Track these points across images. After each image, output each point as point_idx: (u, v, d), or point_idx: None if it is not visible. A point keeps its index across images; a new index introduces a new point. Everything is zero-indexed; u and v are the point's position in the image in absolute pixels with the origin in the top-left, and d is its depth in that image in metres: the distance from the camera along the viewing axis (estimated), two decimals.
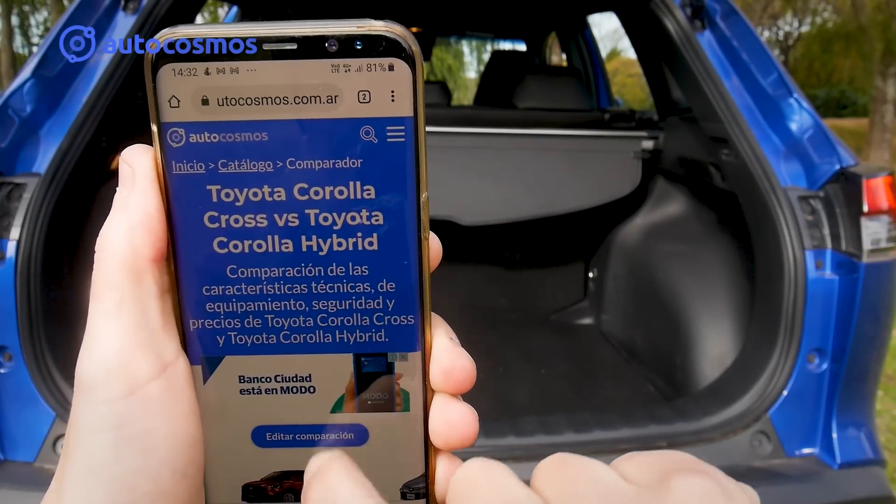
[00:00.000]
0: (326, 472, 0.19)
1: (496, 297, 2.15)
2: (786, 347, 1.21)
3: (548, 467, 0.19)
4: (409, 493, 0.23)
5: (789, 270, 1.21)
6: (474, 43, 13.65)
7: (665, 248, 1.80)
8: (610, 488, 0.18)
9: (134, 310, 0.20)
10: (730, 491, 0.17)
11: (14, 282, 1.09)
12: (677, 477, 0.17)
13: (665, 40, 1.50)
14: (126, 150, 0.22)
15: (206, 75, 0.20)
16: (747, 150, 1.31)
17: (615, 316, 1.97)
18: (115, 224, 0.21)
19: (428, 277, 0.22)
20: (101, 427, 0.19)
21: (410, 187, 0.21)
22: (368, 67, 0.20)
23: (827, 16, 15.04)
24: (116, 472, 0.19)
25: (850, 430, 1.22)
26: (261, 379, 0.22)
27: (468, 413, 0.22)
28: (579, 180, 1.84)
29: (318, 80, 0.20)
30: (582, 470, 0.18)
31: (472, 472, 0.19)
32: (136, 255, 0.20)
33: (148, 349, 0.20)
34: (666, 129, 1.86)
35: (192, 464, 0.21)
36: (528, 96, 1.90)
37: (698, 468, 0.18)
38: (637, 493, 0.18)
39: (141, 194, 0.21)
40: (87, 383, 0.20)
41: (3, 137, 1.13)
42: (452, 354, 0.22)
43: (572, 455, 0.20)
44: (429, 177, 0.21)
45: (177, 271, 0.22)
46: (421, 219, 0.21)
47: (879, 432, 1.35)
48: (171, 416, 0.20)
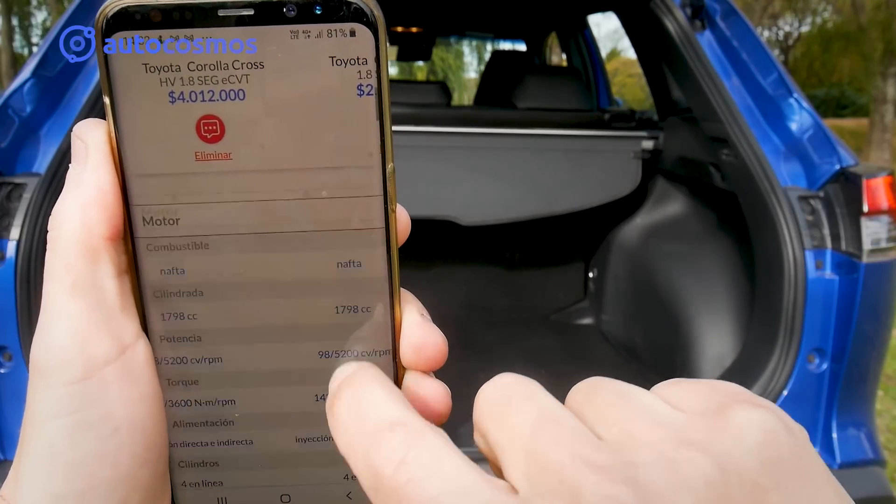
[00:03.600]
0: (357, 379, 0.18)
1: (496, 297, 2.15)
2: (786, 347, 1.21)
3: (581, 391, 0.18)
4: None
5: (789, 270, 1.21)
6: (474, 43, 13.66)
7: (665, 248, 1.80)
8: (657, 413, 0.16)
9: (90, 290, 0.19)
10: (791, 426, 0.16)
11: (14, 282, 1.09)
12: (737, 408, 0.16)
13: (665, 40, 1.50)
14: (78, 125, 0.21)
15: (160, 43, 0.19)
16: (747, 150, 1.31)
17: (615, 316, 1.97)
18: (68, 202, 0.20)
19: (396, 251, 0.21)
20: (56, 412, 0.18)
21: (375, 157, 0.20)
22: (329, 33, 0.19)
23: (827, 16, 15.04)
24: (74, 457, 0.18)
25: (850, 430, 1.22)
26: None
27: (440, 389, 0.21)
28: (579, 180, 1.84)
29: (276, 46, 0.19)
30: (622, 393, 0.17)
31: (504, 386, 0.17)
32: (90, 233, 0.19)
33: (105, 331, 0.19)
34: (666, 129, 1.86)
35: (153, 449, 0.20)
36: (528, 96, 1.90)
37: (758, 401, 0.16)
38: (689, 420, 0.16)
39: (94, 170, 0.20)
40: (41, 367, 0.19)
41: (3, 137, 1.13)
42: (423, 330, 0.21)
43: (609, 378, 0.18)
44: (429, 176, 0.21)
45: (134, 250, 0.20)
46: (388, 190, 0.20)
47: (879, 432, 1.35)
48: (130, 400, 0.19)
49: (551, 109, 1.89)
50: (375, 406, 0.17)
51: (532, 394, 0.16)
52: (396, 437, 0.16)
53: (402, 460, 0.15)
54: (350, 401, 0.18)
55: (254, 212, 0.20)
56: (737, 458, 0.14)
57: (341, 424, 0.18)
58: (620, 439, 0.15)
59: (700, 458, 0.14)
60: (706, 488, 0.14)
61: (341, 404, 0.18)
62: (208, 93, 0.20)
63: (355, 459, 0.17)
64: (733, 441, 0.15)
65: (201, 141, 0.20)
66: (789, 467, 0.15)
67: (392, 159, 0.20)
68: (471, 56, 19.14)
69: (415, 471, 0.15)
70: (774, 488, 0.14)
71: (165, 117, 0.20)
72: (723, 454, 0.15)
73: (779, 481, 0.14)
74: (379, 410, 0.17)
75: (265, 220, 0.20)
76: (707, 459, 0.14)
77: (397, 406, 0.17)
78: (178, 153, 0.20)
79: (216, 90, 0.19)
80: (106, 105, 0.20)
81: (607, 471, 0.14)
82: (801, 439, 0.16)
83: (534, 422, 0.15)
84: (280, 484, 0.22)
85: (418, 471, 0.15)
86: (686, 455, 0.14)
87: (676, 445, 0.15)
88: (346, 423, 0.17)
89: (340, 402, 0.18)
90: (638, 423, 0.16)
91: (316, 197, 0.20)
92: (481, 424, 0.17)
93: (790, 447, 0.15)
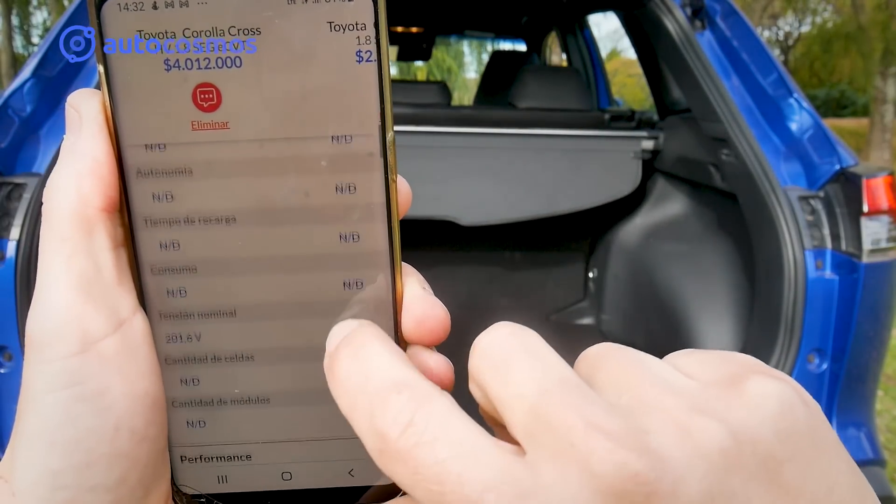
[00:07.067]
0: (357, 338, 0.18)
1: (496, 297, 2.15)
2: (786, 347, 1.21)
3: (592, 354, 0.17)
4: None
5: (789, 270, 1.21)
6: (474, 43, 13.65)
7: (665, 248, 1.80)
8: (668, 379, 0.15)
9: (85, 263, 0.19)
10: (807, 399, 0.15)
11: (14, 282, 1.09)
12: (753, 378, 0.15)
13: (665, 40, 1.50)
14: (72, 94, 0.20)
15: (154, 10, 0.19)
16: (747, 150, 1.31)
17: (615, 316, 1.97)
18: (62, 173, 0.19)
19: (397, 223, 0.20)
20: (52, 386, 0.18)
21: (375, 126, 0.20)
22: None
23: (827, 16, 15.04)
24: (71, 433, 0.18)
25: (850, 430, 1.22)
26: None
27: (443, 364, 0.21)
28: (579, 180, 1.84)
29: (273, 12, 0.19)
30: (633, 359, 0.16)
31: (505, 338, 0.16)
32: (85, 204, 0.19)
33: (101, 304, 0.19)
34: (666, 129, 1.86)
35: (152, 425, 0.19)
36: (528, 96, 1.90)
37: (773, 373, 0.16)
38: (702, 389, 0.15)
39: (88, 140, 0.19)
40: (36, 341, 0.18)
41: (3, 137, 1.13)
42: (426, 304, 0.21)
43: (619, 345, 0.17)
44: (429, 176, 0.21)
45: (131, 222, 0.20)
46: (388, 160, 0.20)
47: (879, 432, 1.35)
48: (127, 375, 0.19)
49: (551, 109, 1.89)
50: (378, 366, 0.16)
51: (536, 349, 0.16)
52: (403, 398, 0.15)
53: (410, 422, 0.15)
54: (351, 360, 0.17)
55: (251, 182, 0.20)
56: (751, 428, 0.14)
57: (342, 384, 0.17)
58: (632, 405, 0.15)
59: (714, 426, 0.14)
60: (719, 456, 0.14)
61: (341, 364, 0.17)
62: (204, 60, 0.19)
63: (359, 421, 0.16)
64: (748, 411, 0.15)
65: (198, 110, 0.19)
66: (804, 439, 0.15)
67: (392, 128, 0.20)
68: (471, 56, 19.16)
69: (423, 434, 0.15)
70: (788, 459, 0.14)
71: (161, 86, 0.19)
72: (737, 423, 0.14)
73: (793, 453, 0.14)
74: (382, 371, 0.16)
75: (263, 190, 0.20)
76: (721, 428, 0.14)
77: (402, 366, 0.16)
78: (175, 122, 0.19)
79: (212, 58, 0.19)
80: (100, 73, 0.19)
81: (618, 437, 0.14)
82: (816, 412, 0.15)
83: (541, 380, 0.15)
84: (281, 461, 0.22)
85: (426, 434, 0.15)
86: (700, 423, 0.14)
87: (690, 413, 0.14)
88: (347, 384, 0.17)
89: (340, 361, 0.17)
90: (650, 389, 0.15)
91: (315, 167, 0.20)
92: (479, 377, 0.16)
93: (805, 420, 0.15)
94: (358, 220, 0.20)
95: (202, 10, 0.19)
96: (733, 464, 0.14)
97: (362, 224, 0.20)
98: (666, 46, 1.52)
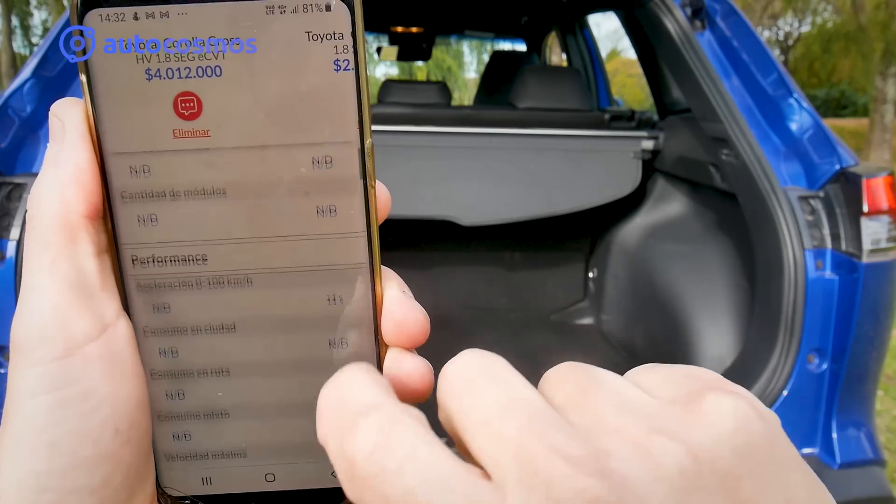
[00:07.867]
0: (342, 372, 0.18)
1: (496, 297, 2.15)
2: (786, 347, 1.21)
3: (554, 376, 0.17)
4: None
5: (789, 270, 1.21)
6: (474, 43, 13.66)
7: (665, 248, 1.80)
8: (628, 399, 0.16)
9: (69, 269, 0.19)
10: (763, 412, 0.16)
11: (14, 282, 1.09)
12: (710, 395, 0.15)
13: (665, 40, 1.50)
14: (55, 104, 0.20)
15: (136, 20, 0.19)
16: (747, 150, 1.31)
17: (615, 316, 1.97)
18: (46, 180, 0.20)
19: (376, 228, 0.21)
20: (37, 390, 0.18)
21: (354, 133, 0.20)
22: (305, 8, 0.19)
23: (827, 16, 15.04)
24: (55, 435, 0.18)
25: (850, 430, 1.22)
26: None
27: (422, 366, 0.21)
28: (579, 180, 1.84)
29: (252, 22, 0.19)
30: (594, 378, 0.16)
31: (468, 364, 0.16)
32: (68, 211, 0.19)
33: (85, 309, 0.19)
34: (666, 129, 1.86)
35: (136, 427, 0.20)
36: (528, 96, 1.90)
37: (730, 388, 0.16)
38: (660, 407, 0.15)
39: (71, 148, 0.20)
40: (21, 345, 0.19)
41: (3, 137, 1.13)
42: (405, 307, 0.21)
43: (581, 364, 0.17)
44: (429, 176, 0.21)
45: (114, 228, 0.20)
46: (367, 167, 0.20)
47: (879, 432, 1.35)
48: (111, 378, 0.19)
49: (551, 109, 1.89)
50: (353, 393, 0.17)
51: (497, 373, 0.16)
52: (370, 422, 0.15)
53: (376, 446, 0.15)
54: (331, 390, 0.17)
55: (232, 189, 0.20)
56: (709, 447, 0.14)
57: (320, 414, 0.17)
58: (592, 426, 0.15)
59: (673, 446, 0.14)
60: (679, 477, 0.14)
61: (322, 397, 0.17)
62: (185, 70, 0.19)
63: (331, 448, 0.16)
64: (705, 429, 0.15)
65: (179, 118, 0.20)
66: (761, 454, 0.15)
67: (370, 135, 0.20)
68: (471, 56, 19.16)
69: (389, 459, 0.14)
70: (747, 475, 0.14)
71: (143, 95, 0.20)
72: (695, 442, 0.14)
73: (751, 468, 0.14)
74: (355, 396, 0.16)
75: (244, 197, 0.20)
76: (680, 448, 0.14)
77: (375, 390, 0.17)
78: (156, 130, 0.20)
79: (193, 67, 0.19)
80: (83, 83, 0.19)
81: (579, 461, 0.14)
82: (773, 425, 0.16)
83: (503, 404, 0.15)
84: (265, 462, 0.22)
85: (392, 459, 0.14)
86: (659, 443, 0.14)
87: (649, 433, 0.15)
88: (324, 412, 0.17)
89: (322, 395, 0.17)
90: (610, 410, 0.15)
91: (294, 174, 0.20)
92: (445, 405, 0.16)
93: (762, 434, 0.15)
94: (338, 227, 0.21)
95: (182, 21, 0.19)
96: (693, 484, 0.14)
97: (342, 231, 0.21)
98: (666, 46, 1.52)
